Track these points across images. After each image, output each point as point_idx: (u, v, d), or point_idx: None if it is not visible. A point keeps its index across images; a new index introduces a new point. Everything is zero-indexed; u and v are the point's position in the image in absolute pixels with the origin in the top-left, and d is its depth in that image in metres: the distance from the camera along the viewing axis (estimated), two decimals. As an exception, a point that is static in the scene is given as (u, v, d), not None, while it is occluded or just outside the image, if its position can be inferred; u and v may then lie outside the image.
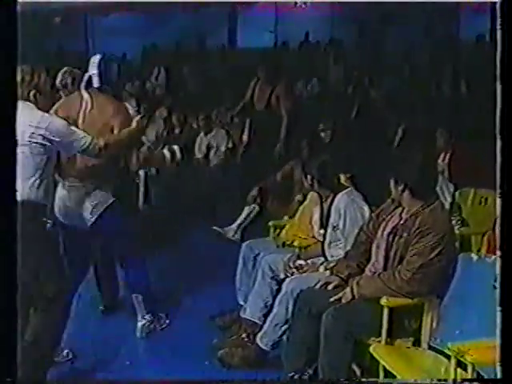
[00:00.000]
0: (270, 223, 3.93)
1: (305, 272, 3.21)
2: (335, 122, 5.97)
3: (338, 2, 12.32)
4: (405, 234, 2.66)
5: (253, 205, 4.97)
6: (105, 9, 9.65)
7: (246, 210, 5.00)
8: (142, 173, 5.61)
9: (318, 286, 2.91)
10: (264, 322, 3.25)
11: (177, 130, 6.58)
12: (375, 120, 6.62)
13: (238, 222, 5.01)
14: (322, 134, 6.05)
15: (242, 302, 3.67)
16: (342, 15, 12.68)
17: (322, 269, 3.20)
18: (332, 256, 3.25)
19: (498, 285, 2.09)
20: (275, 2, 12.05)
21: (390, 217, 2.82)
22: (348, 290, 2.76)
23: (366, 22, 11.78)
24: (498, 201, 2.06)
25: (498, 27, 2.03)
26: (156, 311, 3.71)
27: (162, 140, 6.37)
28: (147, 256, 4.86)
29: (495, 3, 2.07)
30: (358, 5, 11.56)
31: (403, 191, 2.70)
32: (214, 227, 5.12)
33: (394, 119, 5.85)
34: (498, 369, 2.08)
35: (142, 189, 5.63)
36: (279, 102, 5.84)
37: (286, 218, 3.98)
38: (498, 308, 2.05)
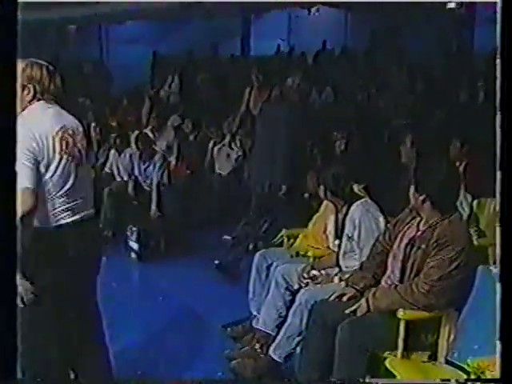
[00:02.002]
0: (284, 233, 3.88)
1: (319, 283, 3.16)
2: (349, 131, 5.95)
3: (352, 12, 12.38)
4: (423, 246, 2.60)
5: (265, 218, 4.91)
6: (119, 17, 9.71)
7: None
8: (154, 180, 5.62)
9: (332, 297, 2.86)
10: (277, 333, 3.20)
11: (190, 138, 6.56)
12: (388, 129, 6.58)
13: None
14: (336, 144, 6.04)
15: (254, 312, 3.63)
16: (355, 24, 12.69)
17: (336, 280, 3.15)
18: (347, 267, 3.20)
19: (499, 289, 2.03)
20: (288, 11, 12.09)
21: (407, 227, 2.76)
22: (363, 302, 2.71)
23: (380, 31, 11.77)
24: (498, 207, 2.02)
25: (498, 27, 2.01)
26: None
27: (173, 149, 6.38)
28: (158, 263, 4.93)
29: (495, 3, 2.05)
30: (371, 14, 11.61)
31: (424, 201, 2.64)
32: (225, 236, 5.08)
33: (408, 128, 5.80)
34: (498, 369, 2.04)
35: (154, 197, 5.62)
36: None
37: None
38: (498, 307, 2.02)
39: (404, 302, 2.58)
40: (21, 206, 2.16)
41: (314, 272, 3.22)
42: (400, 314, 2.57)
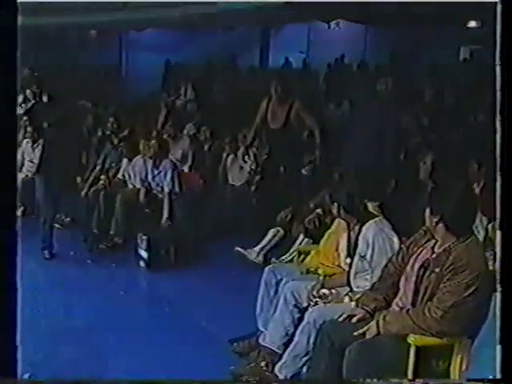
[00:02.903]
0: (295, 248, 3.82)
1: (329, 302, 3.09)
2: (365, 148, 5.87)
3: (372, 26, 12.35)
4: (437, 269, 2.53)
5: (277, 228, 4.87)
6: (140, 24, 9.74)
7: (271, 233, 4.90)
8: (166, 189, 5.60)
9: (341, 318, 2.79)
10: (283, 351, 3.14)
11: (205, 147, 6.52)
12: (405, 147, 6.50)
13: (262, 244, 4.91)
14: (352, 159, 5.97)
15: (262, 328, 3.57)
16: (374, 39, 12.65)
17: (346, 299, 3.08)
18: (357, 287, 3.13)
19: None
20: (308, 24, 12.07)
21: (421, 249, 2.69)
22: (373, 324, 2.63)
23: (399, 46, 11.72)
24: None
25: (498, 27, 2.00)
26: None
27: (187, 158, 6.35)
28: (167, 273, 4.89)
29: (495, 3, 2.05)
30: (390, 29, 11.57)
31: (438, 223, 2.57)
32: (237, 248, 5.02)
33: (425, 147, 5.71)
34: (498, 369, 2.02)
35: (166, 205, 5.59)
36: (300, 118, 5.69)
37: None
38: (498, 309, 2.03)
39: (415, 327, 2.51)
40: None
41: (324, 290, 3.15)
42: (411, 339, 2.50)
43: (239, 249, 5.01)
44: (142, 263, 5.11)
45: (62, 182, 5.36)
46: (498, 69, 2.04)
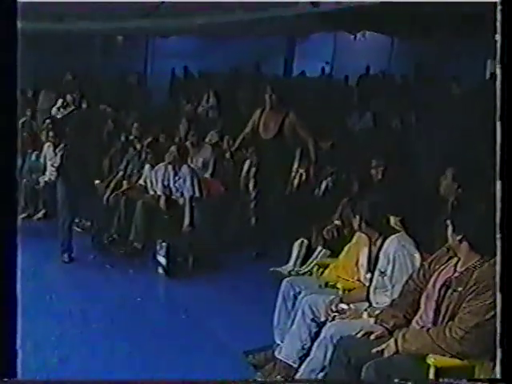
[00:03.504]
0: (314, 261, 3.78)
1: (347, 317, 3.03)
2: (388, 160, 5.80)
3: (398, 38, 12.27)
4: (459, 289, 2.46)
5: (301, 239, 4.80)
6: (166, 31, 9.81)
7: (296, 247, 4.83)
8: (186, 194, 5.60)
9: (360, 334, 2.73)
10: (299, 365, 3.09)
11: (227, 155, 6.51)
12: (427, 160, 6.41)
13: (292, 260, 4.82)
14: (373, 172, 5.89)
15: (278, 341, 3.52)
16: (400, 50, 12.56)
17: (365, 315, 3.02)
18: (377, 302, 3.07)
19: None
20: (334, 34, 12.03)
21: (443, 267, 2.62)
22: (392, 342, 2.57)
23: (424, 57, 11.61)
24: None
25: (499, 27, 2.01)
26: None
27: (208, 166, 6.35)
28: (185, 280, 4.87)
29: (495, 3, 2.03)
30: (416, 40, 11.47)
31: (461, 241, 2.51)
32: (272, 269, 4.91)
33: (445, 162, 5.62)
34: (498, 369, 2.02)
35: (187, 212, 5.59)
36: (295, 129, 5.31)
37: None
38: (498, 308, 2.02)
39: (435, 347, 2.45)
40: None
41: (343, 305, 3.10)
42: (431, 359, 2.44)
43: (275, 269, 4.90)
44: (160, 270, 5.10)
45: (83, 185, 5.38)
46: (498, 72, 2.01)
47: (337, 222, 4.50)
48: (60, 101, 8.20)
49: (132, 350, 3.66)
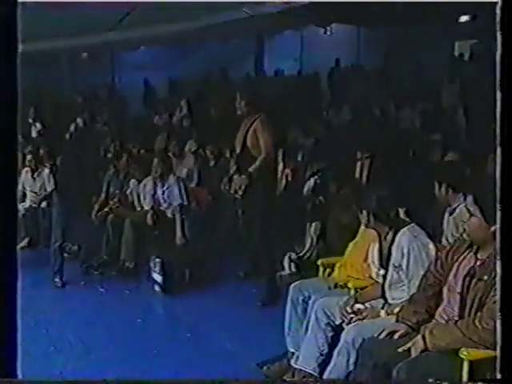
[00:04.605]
0: (319, 262, 3.65)
1: (364, 318, 2.91)
2: (373, 150, 5.73)
3: (363, 29, 12.28)
4: (485, 277, 2.36)
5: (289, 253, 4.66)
6: (132, 44, 9.65)
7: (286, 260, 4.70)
8: (175, 203, 5.45)
9: (382, 335, 2.62)
10: (320, 373, 2.96)
11: (211, 163, 6.36)
12: (415, 145, 6.36)
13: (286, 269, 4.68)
14: (359, 163, 5.81)
15: (292, 349, 3.39)
16: (367, 41, 12.57)
17: (383, 313, 2.91)
18: (393, 298, 2.96)
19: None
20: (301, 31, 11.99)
21: (462, 257, 2.52)
22: (419, 339, 2.46)
23: (392, 47, 11.63)
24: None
25: (499, 27, 1.98)
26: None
27: (193, 175, 6.21)
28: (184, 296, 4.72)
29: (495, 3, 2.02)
30: (383, 31, 11.49)
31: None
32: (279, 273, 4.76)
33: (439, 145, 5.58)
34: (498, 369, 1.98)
35: (178, 222, 5.44)
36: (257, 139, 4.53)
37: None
38: (498, 308, 1.98)
39: (467, 340, 2.34)
40: None
41: (359, 305, 2.98)
42: (463, 353, 2.33)
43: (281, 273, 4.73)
44: (156, 287, 4.93)
45: (70, 209, 5.22)
46: (497, 68, 1.97)
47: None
48: (38, 124, 8.00)
49: (143, 375, 3.48)
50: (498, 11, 2.00)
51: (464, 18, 10.39)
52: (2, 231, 2.01)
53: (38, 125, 8.20)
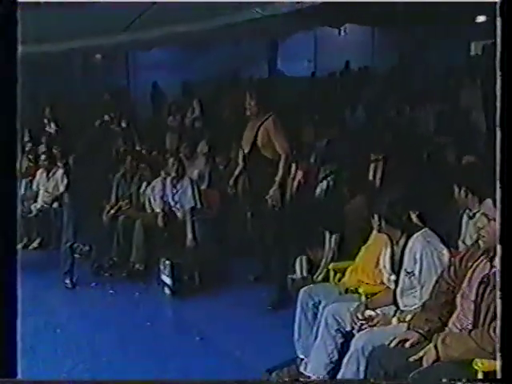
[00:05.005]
0: (330, 266, 3.58)
1: (375, 325, 2.84)
2: (387, 151, 5.64)
3: (378, 30, 12.17)
4: (500, 285, 2.28)
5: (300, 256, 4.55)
6: (146, 44, 9.62)
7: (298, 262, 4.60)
8: (187, 206, 5.40)
9: (393, 343, 2.54)
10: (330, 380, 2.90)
11: (221, 167, 6.31)
12: (429, 147, 6.26)
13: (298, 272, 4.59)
14: (372, 165, 5.72)
15: (301, 356, 3.33)
16: (381, 42, 12.46)
17: (394, 321, 2.83)
18: (405, 305, 2.88)
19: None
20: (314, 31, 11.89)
21: (477, 263, 2.44)
22: (431, 349, 2.38)
23: (407, 47, 11.51)
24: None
25: (499, 27, 1.95)
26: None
27: (204, 177, 6.16)
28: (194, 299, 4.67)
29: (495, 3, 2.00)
30: (397, 31, 11.37)
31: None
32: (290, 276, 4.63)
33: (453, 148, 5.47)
34: (498, 369, 1.95)
35: (189, 225, 5.40)
36: (270, 140, 4.48)
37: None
38: (499, 307, 1.95)
39: (480, 351, 2.26)
40: None
41: (370, 312, 2.90)
42: (478, 364, 2.24)
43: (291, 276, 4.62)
44: (166, 290, 4.89)
45: (82, 210, 5.21)
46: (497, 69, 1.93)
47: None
48: (53, 124, 8.03)
49: (150, 378, 3.44)
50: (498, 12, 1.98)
51: (481, 19, 10.27)
52: (2, 231, 2.00)
53: (53, 125, 8.25)
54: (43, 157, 6.19)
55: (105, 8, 6.62)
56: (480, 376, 2.25)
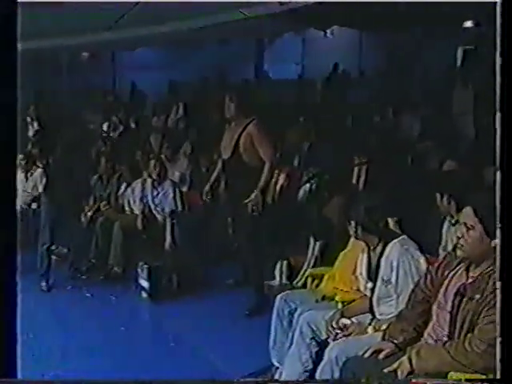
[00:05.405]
0: (307, 272, 3.51)
1: (350, 334, 2.77)
2: (371, 156, 5.59)
3: (366, 32, 12.14)
4: (476, 296, 2.21)
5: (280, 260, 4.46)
6: (132, 43, 9.53)
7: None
8: (167, 209, 5.32)
9: (367, 354, 2.47)
10: (304, 390, 2.83)
11: (203, 169, 6.23)
12: (413, 152, 6.22)
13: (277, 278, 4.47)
14: (356, 169, 5.66)
15: (276, 363, 3.26)
16: (369, 45, 12.44)
17: (370, 329, 2.76)
18: (381, 314, 2.82)
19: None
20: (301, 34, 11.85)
21: (453, 273, 2.37)
22: (405, 361, 2.31)
23: (395, 49, 11.49)
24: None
25: (499, 27, 1.96)
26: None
27: (185, 178, 6.08)
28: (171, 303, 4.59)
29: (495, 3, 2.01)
30: (385, 33, 11.34)
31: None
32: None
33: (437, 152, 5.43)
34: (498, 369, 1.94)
35: (168, 228, 5.31)
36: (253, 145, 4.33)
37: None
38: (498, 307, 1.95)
39: (455, 364, 2.19)
40: None
41: (345, 320, 2.84)
42: (453, 377, 2.19)
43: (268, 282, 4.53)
44: (143, 294, 4.80)
45: (59, 211, 5.11)
46: (497, 70, 1.90)
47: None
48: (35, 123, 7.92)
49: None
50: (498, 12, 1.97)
51: (468, 24, 10.26)
52: (2, 232, 2.02)
53: (35, 124, 8.13)
54: (21, 156, 6.07)
55: (91, 6, 6.52)
56: (454, 389, 2.19)
